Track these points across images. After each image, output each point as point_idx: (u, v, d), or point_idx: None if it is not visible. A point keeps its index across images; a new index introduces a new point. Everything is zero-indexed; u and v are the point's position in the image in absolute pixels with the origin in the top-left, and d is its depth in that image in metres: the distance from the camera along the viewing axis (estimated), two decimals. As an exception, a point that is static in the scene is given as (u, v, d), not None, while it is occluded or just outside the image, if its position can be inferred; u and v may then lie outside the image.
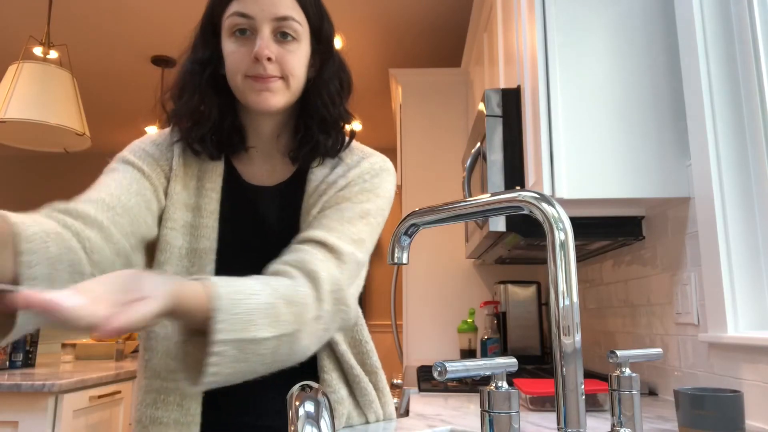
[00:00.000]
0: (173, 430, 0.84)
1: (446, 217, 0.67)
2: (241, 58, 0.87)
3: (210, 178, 0.92)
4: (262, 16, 0.85)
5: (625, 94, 1.39)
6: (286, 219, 0.93)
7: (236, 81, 0.88)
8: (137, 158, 0.90)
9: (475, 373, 0.57)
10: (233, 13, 0.87)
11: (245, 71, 0.87)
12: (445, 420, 1.11)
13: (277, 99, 0.87)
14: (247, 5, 0.86)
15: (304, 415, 0.46)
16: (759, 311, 1.14)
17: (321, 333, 0.79)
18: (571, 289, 0.58)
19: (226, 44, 0.89)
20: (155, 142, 0.94)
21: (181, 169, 0.92)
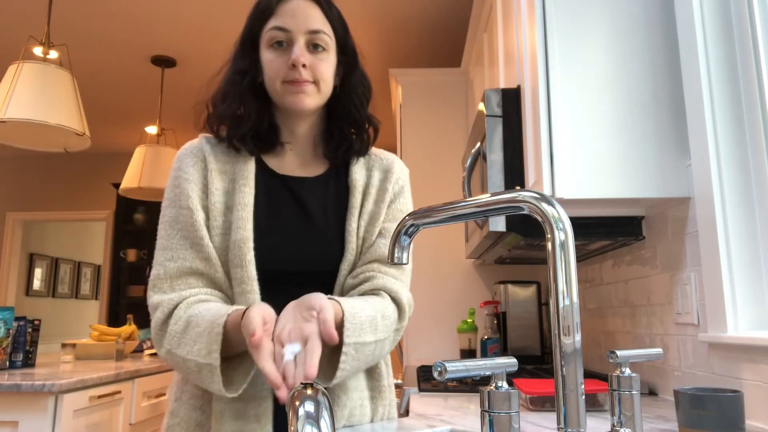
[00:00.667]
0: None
1: (446, 217, 0.67)
2: (279, 66, 1.00)
3: (242, 175, 1.01)
4: (298, 29, 0.99)
5: (625, 94, 1.39)
6: (328, 208, 1.05)
7: (275, 86, 1.00)
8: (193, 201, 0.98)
9: (475, 373, 0.57)
10: (272, 28, 1.00)
11: (283, 77, 0.99)
12: (445, 420, 1.11)
13: (310, 100, 1.00)
14: (285, 20, 1.00)
15: (304, 415, 0.46)
16: (759, 311, 1.14)
17: (396, 341, 1.01)
18: (571, 289, 0.58)
19: (265, 54, 1.01)
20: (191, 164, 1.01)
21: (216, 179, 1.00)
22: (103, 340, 3.04)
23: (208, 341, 0.85)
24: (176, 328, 0.90)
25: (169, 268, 0.95)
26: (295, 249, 1.00)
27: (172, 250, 0.96)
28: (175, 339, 0.90)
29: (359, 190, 1.07)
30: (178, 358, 0.89)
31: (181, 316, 0.91)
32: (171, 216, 0.98)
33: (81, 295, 7.50)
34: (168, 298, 0.93)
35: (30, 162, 5.78)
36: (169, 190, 1.01)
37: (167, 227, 0.98)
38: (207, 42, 3.51)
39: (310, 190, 1.05)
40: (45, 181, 5.75)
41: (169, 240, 0.97)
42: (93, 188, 5.71)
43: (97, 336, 3.05)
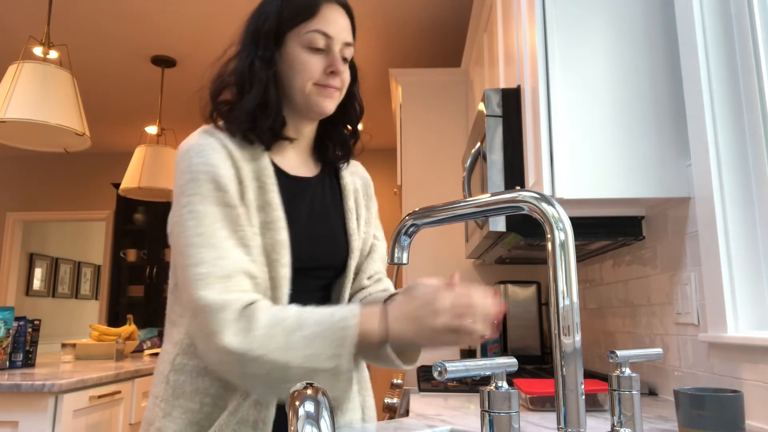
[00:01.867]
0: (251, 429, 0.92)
1: (446, 217, 0.67)
2: (314, 68, 1.00)
3: (266, 174, 0.99)
4: (338, 38, 1.02)
5: (625, 94, 1.39)
6: (329, 208, 1.08)
7: (305, 86, 1.01)
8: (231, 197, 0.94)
9: (475, 373, 0.57)
10: (315, 30, 1.00)
11: (316, 80, 1.01)
12: (445, 420, 1.11)
13: (333, 106, 1.04)
14: (329, 27, 1.01)
15: (304, 415, 0.46)
16: (759, 311, 1.14)
17: None
18: (571, 289, 0.58)
19: (299, 53, 1.01)
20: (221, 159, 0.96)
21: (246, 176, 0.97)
22: (103, 340, 3.04)
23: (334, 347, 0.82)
24: (272, 330, 0.84)
25: (221, 267, 0.88)
26: (312, 248, 1.02)
27: (218, 248, 0.89)
28: (274, 342, 0.83)
29: (351, 193, 1.12)
30: (275, 364, 0.82)
31: (274, 319, 0.85)
32: (212, 213, 0.91)
33: (81, 295, 7.50)
34: (234, 297, 0.86)
35: (30, 162, 5.78)
36: (199, 185, 0.93)
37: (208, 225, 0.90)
38: (207, 42, 3.51)
39: (315, 190, 1.08)
40: (45, 181, 5.75)
41: (213, 238, 0.89)
42: (93, 188, 5.71)
43: (97, 336, 3.06)
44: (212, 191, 0.92)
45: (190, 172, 0.94)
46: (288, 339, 0.82)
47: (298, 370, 0.82)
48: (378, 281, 1.13)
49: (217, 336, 0.83)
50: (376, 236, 1.17)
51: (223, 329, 0.83)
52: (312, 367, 0.81)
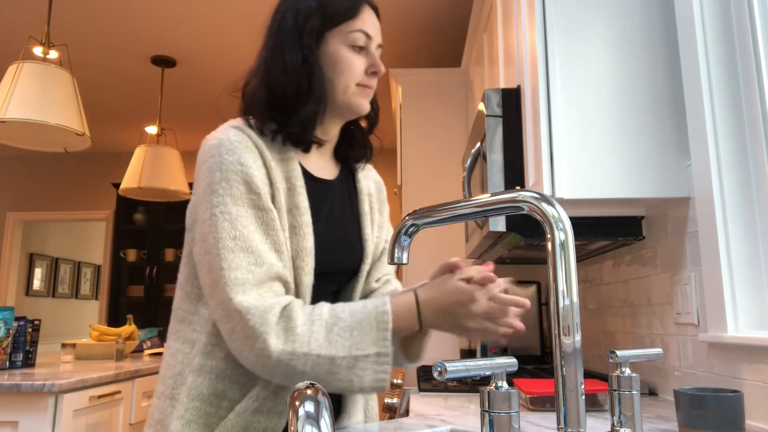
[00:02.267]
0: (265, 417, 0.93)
1: (446, 217, 0.67)
2: (358, 68, 1.01)
3: (295, 176, 0.98)
4: (376, 39, 1.04)
5: (625, 94, 1.39)
6: (346, 211, 1.09)
7: (349, 85, 1.01)
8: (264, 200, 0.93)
9: (475, 373, 0.57)
10: (358, 30, 1.01)
11: (360, 80, 1.02)
12: (445, 420, 1.11)
13: (368, 105, 1.06)
14: (369, 28, 1.03)
15: (304, 415, 0.46)
16: (759, 311, 1.14)
17: None
18: (571, 289, 0.58)
19: (344, 53, 1.01)
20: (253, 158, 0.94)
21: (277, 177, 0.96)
22: (103, 340, 3.04)
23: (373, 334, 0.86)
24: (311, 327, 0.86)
25: (257, 274, 0.87)
26: (332, 252, 1.01)
27: (254, 253, 0.88)
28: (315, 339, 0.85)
29: (366, 196, 1.13)
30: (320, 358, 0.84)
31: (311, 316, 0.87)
32: (246, 216, 0.90)
33: (81, 295, 7.50)
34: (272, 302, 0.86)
35: (30, 162, 5.78)
36: (231, 185, 0.90)
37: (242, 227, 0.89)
38: (207, 42, 3.51)
39: (335, 193, 1.07)
40: (45, 181, 5.75)
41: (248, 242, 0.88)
42: (93, 188, 5.71)
43: (97, 336, 3.06)
44: (245, 193, 0.91)
45: (221, 171, 0.91)
46: (329, 333, 0.86)
47: (343, 361, 0.85)
48: (386, 283, 1.14)
49: (259, 340, 0.84)
50: (387, 240, 1.17)
51: (265, 333, 0.84)
52: (356, 355, 0.85)
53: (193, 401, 0.91)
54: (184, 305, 0.99)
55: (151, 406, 0.99)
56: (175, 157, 3.60)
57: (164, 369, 0.98)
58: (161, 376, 0.98)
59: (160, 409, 0.95)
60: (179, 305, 1.00)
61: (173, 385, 0.95)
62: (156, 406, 0.96)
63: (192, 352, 0.94)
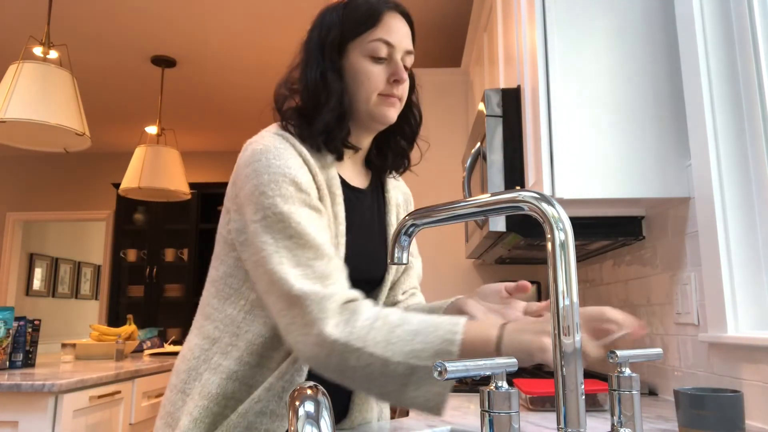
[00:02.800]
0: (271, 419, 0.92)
1: (446, 217, 0.67)
2: (378, 78, 1.00)
3: (335, 185, 0.99)
4: (400, 47, 1.01)
5: (625, 94, 1.39)
6: (375, 221, 1.09)
7: (371, 96, 1.00)
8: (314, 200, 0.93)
9: (475, 373, 0.57)
10: (379, 39, 0.99)
11: (381, 90, 1.00)
12: (445, 420, 1.11)
13: (396, 115, 1.03)
14: (391, 35, 1.00)
15: (304, 415, 0.46)
16: (759, 311, 1.14)
17: None
18: (571, 289, 0.58)
19: (363, 64, 1.00)
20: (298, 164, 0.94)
21: (322, 185, 0.97)
22: (103, 340, 3.04)
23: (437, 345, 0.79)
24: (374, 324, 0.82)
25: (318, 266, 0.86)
26: (357, 262, 1.00)
27: (312, 248, 0.87)
28: (374, 336, 0.80)
29: (394, 207, 1.13)
30: (374, 358, 0.80)
31: (377, 315, 0.83)
32: (299, 213, 0.89)
33: (81, 295, 7.50)
34: (334, 290, 0.84)
35: (30, 162, 5.78)
36: (280, 186, 0.90)
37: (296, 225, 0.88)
38: (207, 42, 3.51)
39: (367, 202, 1.08)
40: (45, 181, 5.75)
41: (305, 238, 0.87)
42: (93, 188, 5.71)
43: (97, 336, 3.05)
44: (295, 192, 0.90)
45: (268, 174, 0.90)
46: (390, 333, 0.80)
47: (399, 367, 0.79)
48: (412, 296, 1.16)
49: (318, 324, 0.82)
50: (412, 253, 1.18)
51: (325, 318, 0.82)
52: (413, 363, 0.78)
53: (202, 399, 0.91)
54: (213, 302, 0.98)
55: (163, 396, 1.00)
56: (175, 157, 3.60)
57: (180, 362, 0.99)
58: (176, 368, 0.99)
59: (172, 401, 0.96)
60: (208, 301, 1.00)
61: (186, 380, 0.95)
62: (168, 398, 0.98)
63: (211, 350, 0.95)
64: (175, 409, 0.94)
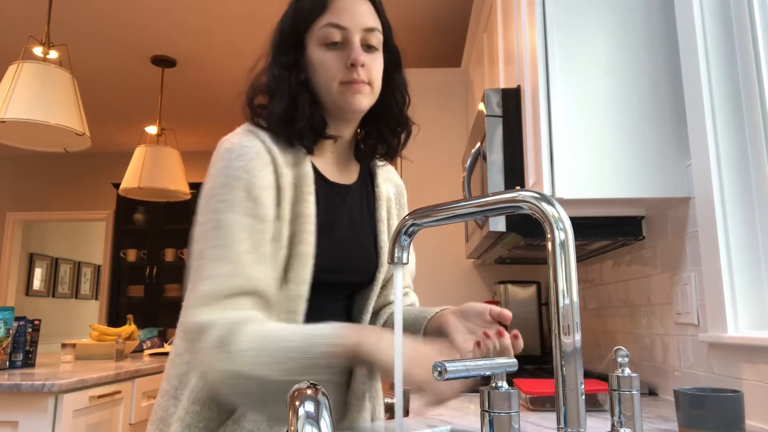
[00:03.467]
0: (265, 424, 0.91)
1: (446, 217, 0.67)
2: (335, 66, 0.95)
3: (305, 182, 0.95)
4: (355, 27, 0.95)
5: (625, 94, 1.39)
6: (364, 218, 1.05)
7: (331, 87, 0.95)
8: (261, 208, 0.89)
9: (475, 373, 0.57)
10: (327, 24, 0.95)
11: (341, 78, 0.95)
12: (445, 420, 1.11)
13: (366, 101, 0.97)
14: (342, 17, 0.94)
15: (304, 415, 0.46)
16: (759, 311, 1.14)
17: None
18: (571, 289, 0.58)
19: (317, 53, 0.96)
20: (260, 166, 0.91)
21: (286, 184, 0.93)
22: (103, 340, 3.04)
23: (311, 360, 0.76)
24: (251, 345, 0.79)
25: (225, 286, 0.83)
26: (344, 262, 0.98)
27: (236, 264, 0.84)
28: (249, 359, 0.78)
29: (384, 202, 1.08)
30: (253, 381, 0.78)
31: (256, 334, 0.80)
32: (239, 224, 0.86)
33: (81, 295, 7.50)
34: (223, 317, 0.81)
35: (30, 162, 5.78)
36: (231, 191, 0.88)
37: (230, 235, 0.85)
38: (207, 42, 3.51)
39: (353, 198, 1.04)
40: (45, 181, 5.75)
41: (232, 251, 0.85)
42: (93, 188, 5.71)
43: (97, 336, 3.05)
44: (243, 200, 0.88)
45: (225, 176, 0.89)
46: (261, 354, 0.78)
47: (278, 385, 0.77)
48: (405, 295, 1.13)
49: (198, 357, 0.81)
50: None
51: (205, 347, 0.80)
52: (291, 380, 0.76)
53: (193, 404, 0.90)
54: None
55: (155, 402, 0.98)
56: (175, 157, 3.60)
57: (170, 367, 0.97)
58: (166, 374, 0.97)
59: (164, 407, 0.94)
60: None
61: (177, 385, 0.93)
62: (159, 404, 0.95)
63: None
64: (167, 415, 0.93)
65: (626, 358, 0.77)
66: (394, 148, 1.08)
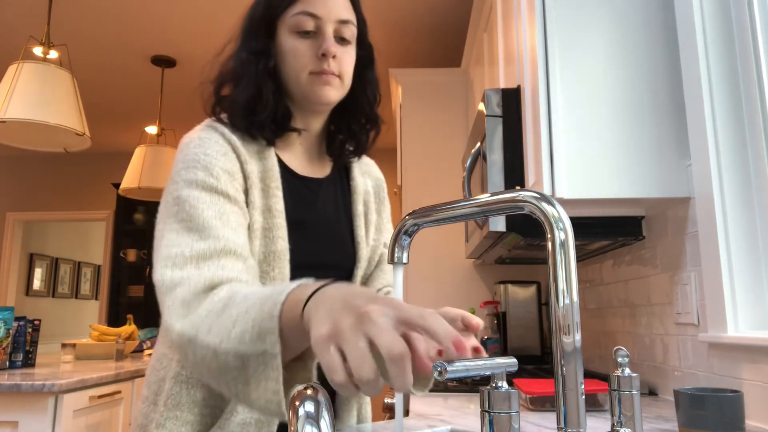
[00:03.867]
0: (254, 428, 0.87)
1: (446, 217, 0.67)
2: (306, 55, 0.93)
3: (272, 177, 0.93)
4: (328, 17, 0.93)
5: (625, 94, 1.39)
6: (339, 212, 1.02)
7: (300, 77, 0.93)
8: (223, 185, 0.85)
9: (475, 373, 0.57)
10: (300, 12, 0.93)
11: (311, 68, 0.92)
12: (445, 420, 1.11)
13: (335, 93, 0.94)
14: (316, 6, 0.92)
15: (304, 415, 0.46)
16: (759, 311, 1.14)
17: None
18: (571, 288, 0.58)
19: (288, 41, 0.94)
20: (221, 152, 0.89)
21: (253, 174, 0.91)
22: (103, 340, 3.04)
23: (259, 321, 0.63)
24: (209, 308, 0.71)
25: (196, 248, 0.77)
26: (320, 257, 0.96)
27: (201, 230, 0.79)
28: (205, 323, 0.69)
29: (361, 196, 1.05)
30: (206, 349, 0.67)
31: (221, 297, 0.72)
32: (198, 197, 0.82)
33: (81, 295, 7.50)
34: (196, 274, 0.75)
35: (30, 162, 5.78)
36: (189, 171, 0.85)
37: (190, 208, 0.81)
38: (207, 42, 3.51)
39: (325, 192, 1.01)
40: (45, 181, 5.75)
41: (195, 221, 0.80)
42: (93, 188, 5.71)
43: (97, 336, 3.05)
44: (202, 178, 0.85)
45: (184, 161, 0.87)
46: (219, 317, 0.68)
47: (226, 356, 0.65)
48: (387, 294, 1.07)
49: (165, 315, 0.75)
50: (386, 244, 1.08)
51: (171, 306, 0.74)
52: (239, 351, 0.64)
53: (172, 410, 0.87)
54: None
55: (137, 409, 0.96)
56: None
57: (149, 373, 0.95)
58: (146, 379, 0.95)
59: (144, 413, 0.92)
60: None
61: (156, 391, 0.91)
62: (140, 411, 0.93)
63: (174, 359, 0.90)
64: (147, 422, 0.90)
65: (626, 358, 0.77)
66: (362, 144, 1.05)
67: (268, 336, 0.62)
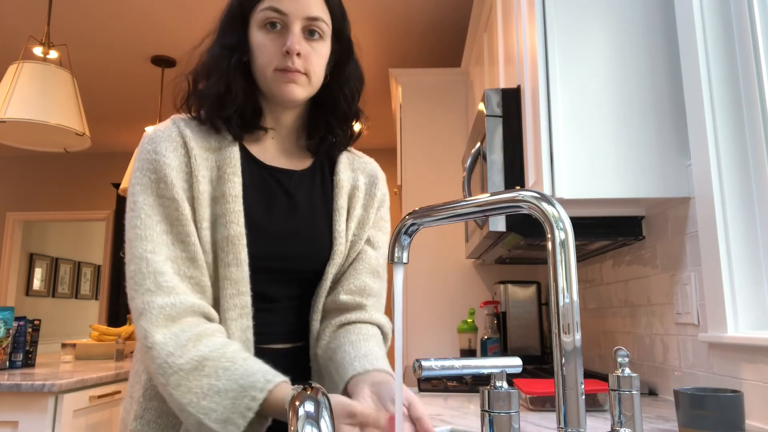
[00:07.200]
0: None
1: (446, 217, 0.67)
2: (271, 52, 0.93)
3: (229, 163, 0.93)
4: (296, 14, 0.92)
5: (625, 94, 1.39)
6: (316, 205, 1.01)
7: (266, 73, 0.94)
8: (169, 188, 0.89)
9: (476, 372, 0.57)
10: (267, 8, 0.92)
11: (276, 65, 0.92)
12: (445, 420, 1.11)
13: (300, 91, 0.94)
14: (282, 2, 0.92)
15: (304, 415, 0.46)
16: (759, 311, 1.14)
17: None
18: (571, 288, 0.58)
19: (256, 36, 0.94)
20: (171, 148, 0.91)
21: (201, 165, 0.91)
22: (103, 340, 3.04)
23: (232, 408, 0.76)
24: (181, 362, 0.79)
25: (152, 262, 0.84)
26: (287, 247, 0.95)
27: (152, 242, 0.86)
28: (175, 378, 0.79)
29: (345, 190, 1.03)
30: (171, 398, 0.79)
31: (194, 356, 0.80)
32: (150, 204, 0.88)
33: (81, 295, 7.50)
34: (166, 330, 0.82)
35: (30, 162, 5.78)
36: (142, 174, 0.89)
37: (144, 216, 0.87)
38: (207, 42, 3.51)
39: (298, 184, 1.00)
40: (45, 181, 5.75)
41: (147, 230, 0.86)
42: (93, 188, 5.71)
43: (97, 336, 3.05)
44: (153, 182, 0.88)
45: (138, 160, 0.91)
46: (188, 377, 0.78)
47: (190, 418, 0.77)
48: (361, 309, 1.00)
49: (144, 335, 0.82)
50: (371, 241, 1.04)
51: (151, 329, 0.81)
52: (202, 421, 0.76)
53: (150, 401, 0.89)
54: None
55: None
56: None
57: (132, 368, 0.97)
58: (129, 375, 0.98)
59: (125, 407, 0.94)
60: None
61: (133, 384, 0.93)
62: (123, 405, 0.95)
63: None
64: (126, 415, 0.93)
65: (626, 358, 0.77)
66: (342, 140, 1.04)
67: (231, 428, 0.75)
